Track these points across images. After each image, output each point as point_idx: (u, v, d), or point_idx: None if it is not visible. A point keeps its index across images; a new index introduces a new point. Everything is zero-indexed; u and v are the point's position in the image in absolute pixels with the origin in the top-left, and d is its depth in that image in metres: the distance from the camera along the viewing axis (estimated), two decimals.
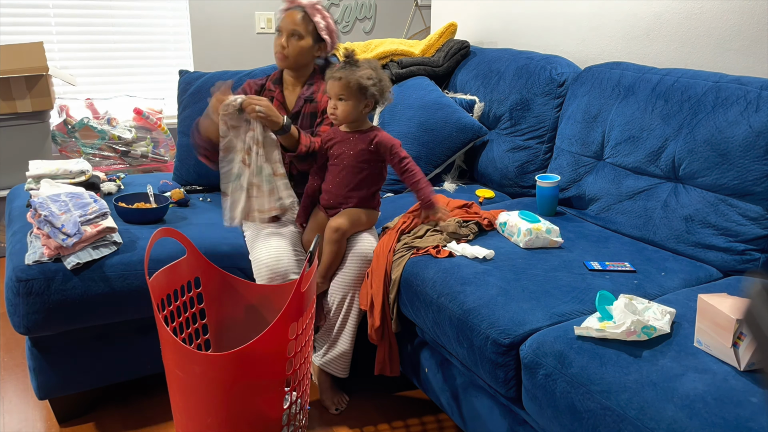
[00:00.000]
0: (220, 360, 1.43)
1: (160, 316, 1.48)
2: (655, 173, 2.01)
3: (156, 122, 3.42)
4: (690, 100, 1.93)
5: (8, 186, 2.99)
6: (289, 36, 2.09)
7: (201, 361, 1.44)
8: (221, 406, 1.47)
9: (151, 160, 3.37)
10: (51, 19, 3.38)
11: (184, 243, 1.71)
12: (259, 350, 1.43)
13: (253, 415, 1.50)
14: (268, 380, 1.49)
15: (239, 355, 1.42)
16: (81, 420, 1.98)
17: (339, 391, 2.07)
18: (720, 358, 1.30)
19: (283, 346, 1.47)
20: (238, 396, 1.46)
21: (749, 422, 1.12)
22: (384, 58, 2.92)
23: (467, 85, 2.79)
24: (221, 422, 1.48)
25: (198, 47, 3.70)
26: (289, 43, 2.09)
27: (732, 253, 1.79)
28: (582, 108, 2.26)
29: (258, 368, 1.46)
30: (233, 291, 1.81)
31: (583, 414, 1.28)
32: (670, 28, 2.28)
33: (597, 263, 1.76)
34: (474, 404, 1.70)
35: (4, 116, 2.91)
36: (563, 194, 2.26)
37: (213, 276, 1.78)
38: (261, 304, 1.82)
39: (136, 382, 2.11)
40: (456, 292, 1.66)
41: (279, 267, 1.88)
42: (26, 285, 1.73)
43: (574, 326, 1.41)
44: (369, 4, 4.13)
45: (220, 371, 1.44)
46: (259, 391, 1.49)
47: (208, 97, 1.96)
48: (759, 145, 1.74)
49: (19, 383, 2.17)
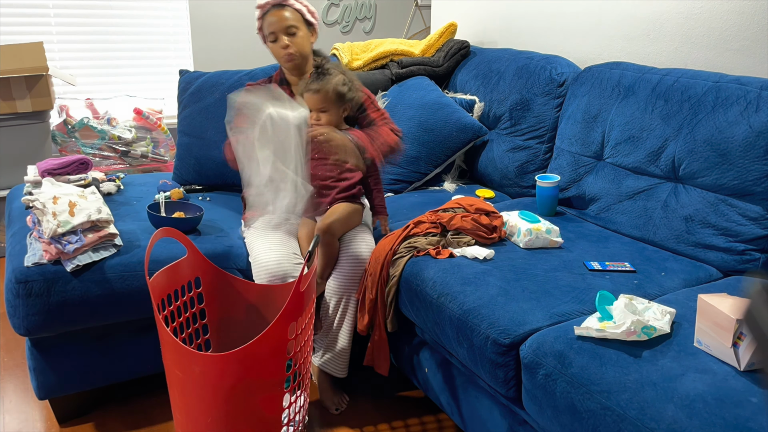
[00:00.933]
0: (219, 360, 1.43)
1: (159, 317, 1.48)
2: (655, 173, 2.01)
3: (156, 122, 3.42)
4: (690, 100, 1.93)
5: (8, 186, 2.99)
6: (288, 34, 2.07)
7: (201, 361, 1.44)
8: (221, 406, 1.47)
9: (151, 160, 3.37)
10: (51, 19, 3.38)
11: (184, 243, 1.71)
12: (258, 350, 1.43)
13: (253, 415, 1.50)
14: (267, 380, 1.49)
15: (239, 355, 1.42)
16: (81, 420, 1.98)
17: (339, 391, 2.07)
18: (720, 358, 1.30)
19: (282, 345, 1.47)
20: (238, 396, 1.46)
21: (749, 422, 1.12)
22: (384, 58, 2.92)
23: (467, 85, 2.79)
24: (221, 422, 1.49)
25: (198, 47, 3.70)
26: (291, 41, 2.08)
27: (732, 253, 1.79)
28: (582, 108, 2.26)
29: (258, 368, 1.46)
30: (233, 291, 1.81)
31: (583, 414, 1.28)
32: (670, 28, 2.28)
33: (597, 263, 1.76)
34: (474, 404, 1.70)
35: (4, 116, 2.91)
36: (563, 194, 2.26)
37: (213, 276, 1.78)
38: (261, 304, 1.82)
39: (136, 382, 2.11)
40: (456, 292, 1.66)
41: (278, 270, 1.88)
42: (26, 287, 1.72)
43: (574, 326, 1.41)
44: (369, 4, 4.13)
45: (220, 371, 1.44)
46: (258, 391, 1.49)
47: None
48: (759, 145, 1.74)
49: (19, 383, 2.17)
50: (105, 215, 1.85)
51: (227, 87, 2.47)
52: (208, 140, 2.45)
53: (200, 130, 2.47)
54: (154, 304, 1.49)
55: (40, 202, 1.82)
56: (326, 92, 1.93)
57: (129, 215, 2.11)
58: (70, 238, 1.77)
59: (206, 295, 1.78)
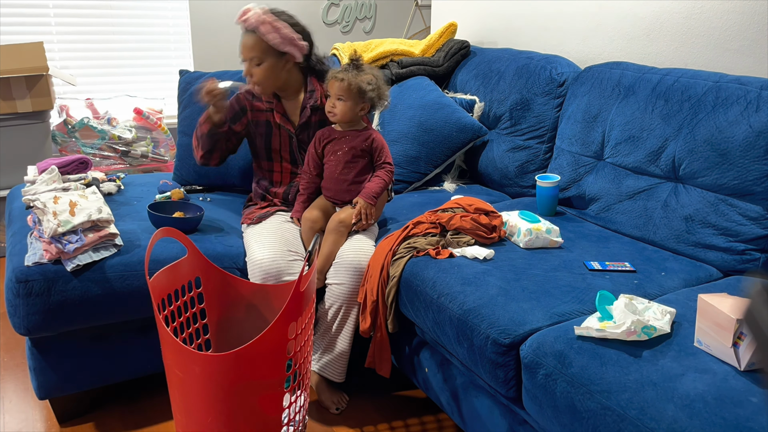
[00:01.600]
0: (220, 360, 1.43)
1: (160, 317, 1.48)
2: (655, 173, 2.01)
3: (156, 122, 3.42)
4: (690, 100, 1.93)
5: (8, 186, 2.99)
6: (250, 62, 2.02)
7: (201, 361, 1.44)
8: (221, 406, 1.47)
9: (151, 160, 3.37)
10: (51, 19, 3.38)
11: (184, 243, 1.71)
12: (258, 350, 1.43)
13: (253, 415, 1.50)
14: (267, 380, 1.49)
15: (239, 355, 1.42)
16: (81, 420, 1.98)
17: (338, 390, 2.07)
18: (720, 358, 1.30)
19: (282, 345, 1.47)
20: (238, 396, 1.46)
21: (749, 422, 1.12)
22: (384, 58, 2.92)
23: (467, 85, 2.79)
24: (221, 422, 1.48)
25: (198, 47, 3.70)
26: (252, 71, 2.02)
27: (732, 253, 1.79)
28: (582, 108, 2.26)
29: (258, 368, 1.46)
30: (233, 291, 1.81)
31: (583, 414, 1.28)
32: (670, 28, 2.28)
33: (597, 263, 1.76)
34: (474, 404, 1.70)
35: (4, 116, 2.91)
36: (563, 194, 2.26)
37: (213, 276, 1.78)
38: (261, 304, 1.82)
39: (136, 382, 2.11)
40: (456, 292, 1.66)
41: (272, 267, 1.88)
42: (26, 286, 1.72)
43: (574, 326, 1.41)
44: (369, 4, 4.13)
45: (220, 371, 1.44)
46: (258, 391, 1.49)
47: (196, 96, 2.03)
48: (759, 145, 1.74)
49: (19, 383, 2.17)
50: (105, 215, 1.85)
51: None
52: None
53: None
54: (154, 304, 1.49)
55: (41, 202, 1.82)
56: (349, 84, 1.97)
57: (129, 215, 2.11)
58: (71, 238, 1.77)
59: (206, 295, 1.78)
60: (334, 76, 1.99)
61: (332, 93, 2.00)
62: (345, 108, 2.00)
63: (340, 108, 2.00)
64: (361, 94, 1.99)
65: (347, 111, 2.00)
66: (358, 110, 2.02)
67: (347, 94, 1.98)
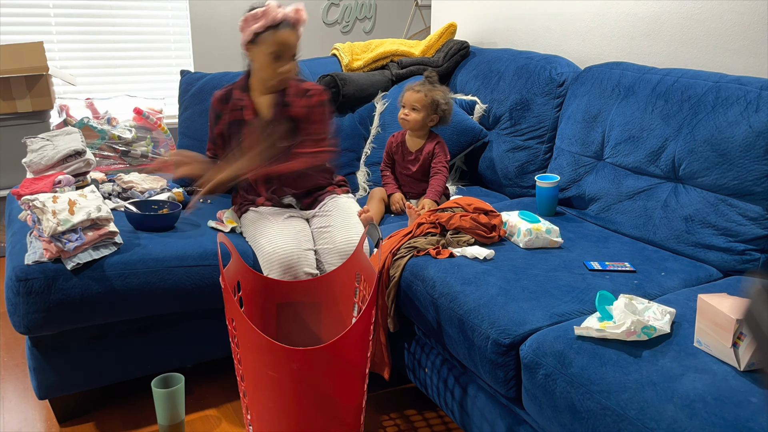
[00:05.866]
0: (318, 353, 1.45)
1: (248, 321, 1.45)
2: (655, 173, 2.01)
3: (156, 122, 3.41)
4: (690, 100, 1.93)
5: (8, 186, 2.99)
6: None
7: (299, 357, 1.44)
8: (316, 400, 1.51)
9: (151, 160, 3.37)
10: (51, 19, 3.38)
11: (230, 248, 1.74)
12: (351, 338, 1.49)
13: (339, 403, 1.55)
14: (357, 366, 1.55)
15: (336, 346, 1.46)
16: (81, 420, 1.98)
17: None
18: (720, 358, 1.30)
19: (367, 331, 1.54)
20: (333, 386, 1.51)
21: (749, 422, 1.12)
22: (384, 59, 2.92)
23: (467, 85, 2.79)
24: (318, 413, 1.52)
25: (198, 47, 3.71)
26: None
27: (732, 253, 1.79)
28: (582, 108, 2.26)
29: (350, 356, 1.52)
30: (267, 291, 1.84)
31: (583, 414, 1.28)
32: (670, 28, 2.28)
33: (597, 263, 1.76)
34: (474, 404, 1.70)
35: (4, 116, 2.91)
36: (563, 194, 2.26)
37: (249, 279, 1.80)
38: (294, 300, 1.87)
39: (136, 382, 2.11)
40: (456, 292, 1.66)
41: (291, 258, 1.89)
42: (26, 285, 1.72)
43: (574, 326, 1.41)
44: (369, 4, 4.13)
45: (320, 364, 1.46)
46: (346, 379, 1.54)
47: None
48: (759, 145, 1.74)
49: (19, 383, 2.17)
50: (105, 213, 1.85)
51: None
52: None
53: (201, 132, 2.46)
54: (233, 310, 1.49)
55: (40, 201, 1.82)
56: (425, 95, 2.25)
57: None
58: (70, 237, 1.77)
59: (244, 299, 1.79)
60: (412, 88, 2.27)
61: (407, 103, 2.27)
62: (417, 117, 2.26)
63: (413, 117, 2.27)
64: (434, 106, 2.26)
65: (418, 120, 2.27)
66: (428, 121, 2.29)
67: (421, 105, 2.25)
